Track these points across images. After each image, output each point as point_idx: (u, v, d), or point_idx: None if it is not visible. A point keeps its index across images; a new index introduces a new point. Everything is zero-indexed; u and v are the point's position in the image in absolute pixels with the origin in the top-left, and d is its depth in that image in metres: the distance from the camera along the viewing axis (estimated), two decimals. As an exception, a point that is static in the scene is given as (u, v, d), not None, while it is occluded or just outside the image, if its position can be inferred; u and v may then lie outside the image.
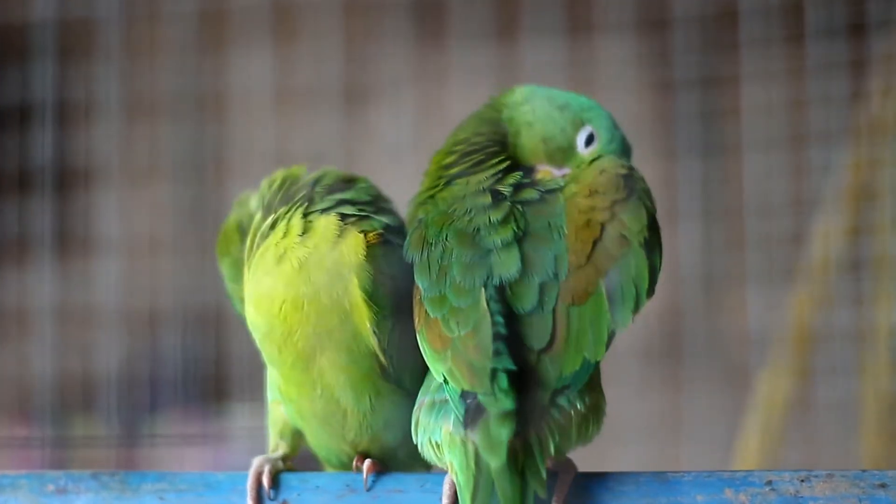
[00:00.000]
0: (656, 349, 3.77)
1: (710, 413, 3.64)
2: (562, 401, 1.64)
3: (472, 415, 1.60)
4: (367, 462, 1.76)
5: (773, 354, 3.37)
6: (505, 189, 1.75)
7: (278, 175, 1.88)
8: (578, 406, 1.65)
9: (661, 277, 1.74)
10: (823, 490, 1.61)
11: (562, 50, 3.65)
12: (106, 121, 3.96)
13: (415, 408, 1.72)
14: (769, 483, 1.63)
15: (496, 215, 1.71)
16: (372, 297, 1.73)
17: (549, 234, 1.70)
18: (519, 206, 1.72)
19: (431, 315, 1.67)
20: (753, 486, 1.63)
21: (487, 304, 1.64)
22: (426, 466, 1.85)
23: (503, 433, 1.57)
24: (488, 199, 1.74)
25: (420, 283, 1.70)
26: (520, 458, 1.58)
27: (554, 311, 1.65)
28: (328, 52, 3.91)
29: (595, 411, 1.68)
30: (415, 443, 1.72)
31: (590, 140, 1.86)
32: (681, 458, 3.62)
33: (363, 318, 1.73)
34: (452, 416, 1.63)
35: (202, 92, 4.05)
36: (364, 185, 1.85)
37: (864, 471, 1.62)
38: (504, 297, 1.65)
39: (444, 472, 1.72)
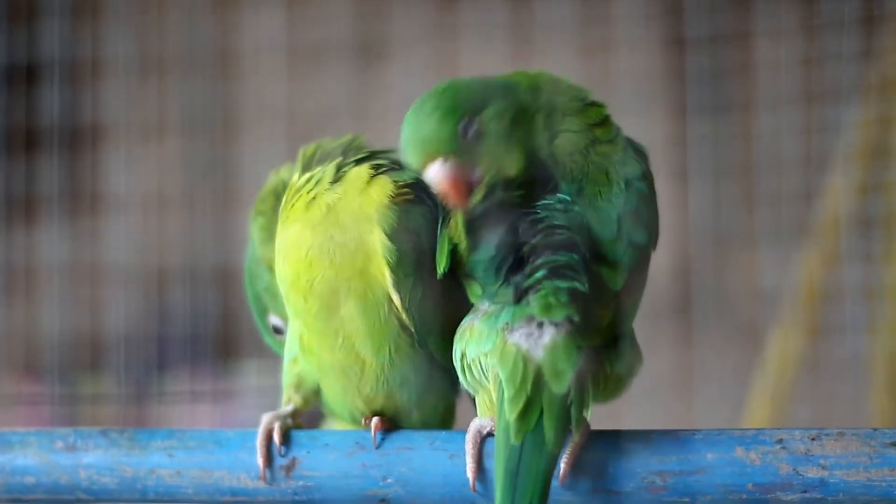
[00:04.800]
0: (667, 307, 3.77)
1: (721, 371, 3.64)
2: (619, 349, 1.65)
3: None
4: (375, 419, 1.76)
5: (783, 312, 3.37)
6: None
7: (313, 144, 1.88)
8: (628, 360, 1.67)
9: (673, 235, 1.75)
10: (834, 448, 1.61)
11: (574, 8, 3.63)
12: (116, 78, 3.96)
13: (465, 320, 1.71)
14: (780, 441, 1.63)
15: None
16: (392, 242, 1.73)
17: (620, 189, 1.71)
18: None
19: None
20: (764, 444, 1.63)
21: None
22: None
23: (574, 357, 1.58)
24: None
25: None
26: (572, 393, 1.58)
27: (630, 262, 1.66)
28: (340, 8, 3.90)
29: (632, 372, 1.68)
30: (454, 360, 1.71)
31: None
32: (691, 416, 3.63)
33: (382, 267, 1.73)
34: (514, 326, 1.62)
35: (213, 49, 4.04)
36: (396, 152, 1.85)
37: (875, 429, 1.62)
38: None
39: (455, 432, 1.72)
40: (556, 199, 1.67)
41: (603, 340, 1.62)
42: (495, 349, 1.61)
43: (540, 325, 1.59)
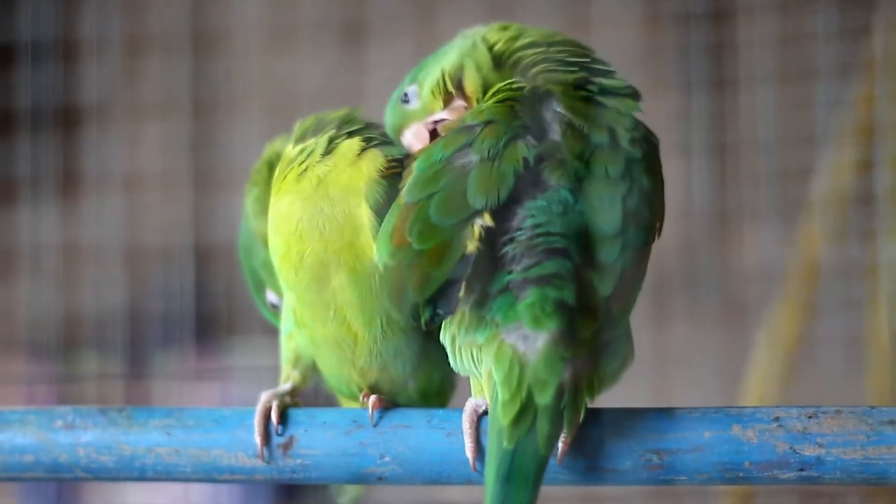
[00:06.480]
0: (665, 284, 3.77)
1: (719, 348, 3.64)
2: (611, 349, 1.64)
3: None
4: (373, 398, 1.76)
5: (781, 289, 3.37)
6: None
7: (312, 116, 1.88)
8: (622, 353, 1.66)
9: (671, 212, 1.74)
10: (831, 426, 1.61)
11: (559, -16, 3.62)
12: (97, 58, 3.95)
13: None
14: (777, 419, 1.63)
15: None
16: (379, 217, 1.73)
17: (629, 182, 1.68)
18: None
19: None
20: (761, 422, 1.63)
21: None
22: (437, 404, 1.85)
23: (559, 368, 1.56)
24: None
25: None
26: (566, 395, 1.57)
27: (625, 263, 1.64)
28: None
29: (623, 368, 1.68)
30: (443, 343, 1.70)
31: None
32: (687, 394, 3.63)
33: (370, 241, 1.73)
34: (507, 325, 1.60)
35: (202, 28, 4.03)
36: None
37: (872, 407, 1.62)
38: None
39: (452, 409, 1.72)
40: (557, 196, 1.64)
41: (590, 349, 1.60)
42: (489, 344, 1.61)
43: (534, 329, 1.59)
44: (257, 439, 1.76)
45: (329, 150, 1.78)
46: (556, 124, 1.68)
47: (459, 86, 1.80)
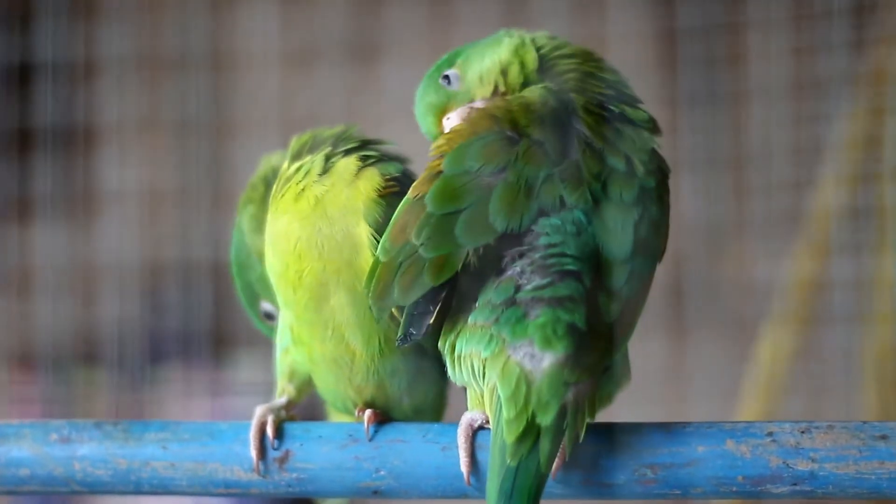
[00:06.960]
0: (658, 300, 3.77)
1: (712, 364, 3.64)
2: (610, 372, 1.65)
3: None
4: (368, 412, 1.76)
5: (775, 304, 3.37)
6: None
7: (308, 132, 1.89)
8: (619, 374, 1.67)
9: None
10: (824, 441, 1.61)
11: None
12: (111, 77, 3.95)
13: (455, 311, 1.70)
14: (770, 434, 1.63)
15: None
16: (378, 235, 1.72)
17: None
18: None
19: None
20: (754, 437, 1.64)
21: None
22: (431, 419, 1.85)
23: (562, 392, 1.57)
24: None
25: None
26: (568, 416, 1.58)
27: (631, 290, 1.66)
28: (335, 7, 3.90)
29: (619, 388, 1.69)
30: (440, 351, 1.71)
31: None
32: (683, 408, 3.63)
33: (369, 260, 1.73)
34: (514, 342, 1.60)
35: (207, 48, 4.04)
36: (389, 143, 1.86)
37: (864, 422, 1.63)
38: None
39: (447, 424, 1.73)
40: (571, 216, 1.65)
41: (593, 373, 1.60)
42: (495, 359, 1.61)
43: (542, 349, 1.59)
44: (253, 453, 1.77)
45: (326, 168, 1.78)
46: (576, 142, 1.69)
47: (506, 79, 1.81)
